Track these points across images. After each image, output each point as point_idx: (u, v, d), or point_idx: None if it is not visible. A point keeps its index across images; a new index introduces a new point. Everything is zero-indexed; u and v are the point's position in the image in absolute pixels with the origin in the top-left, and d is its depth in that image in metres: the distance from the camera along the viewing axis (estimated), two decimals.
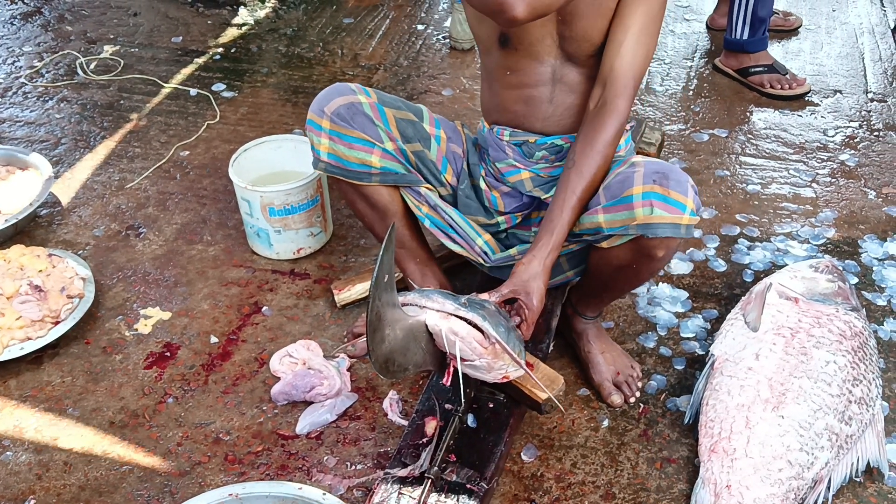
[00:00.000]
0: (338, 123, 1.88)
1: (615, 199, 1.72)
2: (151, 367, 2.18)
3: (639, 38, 1.75)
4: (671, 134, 3.07)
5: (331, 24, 3.81)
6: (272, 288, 2.41)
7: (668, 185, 1.68)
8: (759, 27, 3.25)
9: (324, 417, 2.02)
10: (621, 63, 1.75)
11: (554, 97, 1.90)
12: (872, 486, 1.89)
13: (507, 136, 1.97)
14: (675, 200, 1.67)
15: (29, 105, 3.22)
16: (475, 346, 1.58)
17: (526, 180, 1.96)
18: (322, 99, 1.91)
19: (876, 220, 2.67)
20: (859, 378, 1.90)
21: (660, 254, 1.75)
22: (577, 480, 1.91)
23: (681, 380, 2.14)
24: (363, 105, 1.90)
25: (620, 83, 1.76)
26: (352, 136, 1.88)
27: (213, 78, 3.39)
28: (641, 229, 1.69)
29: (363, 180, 1.94)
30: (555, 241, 1.74)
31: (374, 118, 1.90)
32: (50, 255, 2.35)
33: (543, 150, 1.94)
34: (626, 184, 1.71)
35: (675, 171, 1.70)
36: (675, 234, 1.69)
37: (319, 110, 1.90)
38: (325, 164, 1.93)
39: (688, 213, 1.68)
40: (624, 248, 1.76)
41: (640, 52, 1.76)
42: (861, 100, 3.27)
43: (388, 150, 1.91)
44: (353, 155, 1.90)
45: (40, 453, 1.97)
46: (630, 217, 1.69)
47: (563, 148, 1.92)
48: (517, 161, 1.96)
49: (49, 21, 3.82)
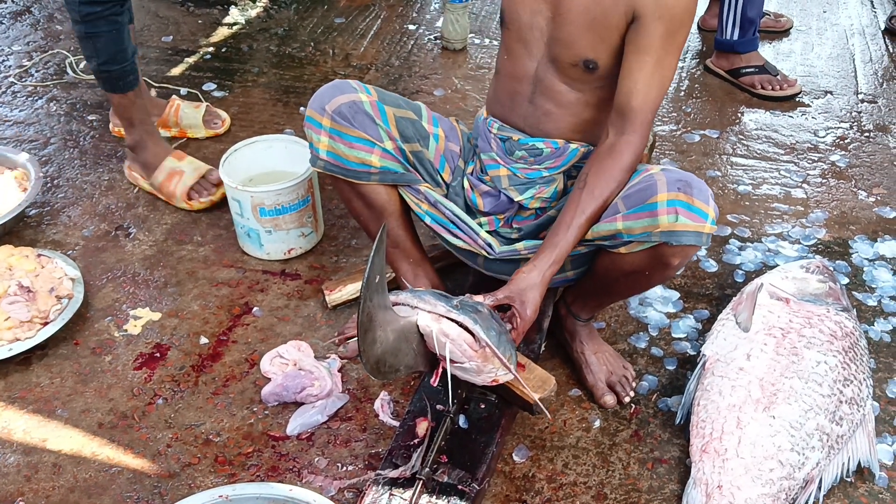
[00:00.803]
0: (339, 122, 1.88)
1: (637, 206, 1.72)
2: (141, 368, 2.17)
3: (653, 74, 1.74)
4: (662, 134, 3.07)
5: (322, 24, 3.80)
6: (263, 288, 2.40)
7: (692, 192, 1.68)
8: (749, 28, 3.26)
9: (315, 418, 2.01)
10: (637, 100, 1.75)
11: (534, 98, 1.91)
12: (863, 487, 1.89)
13: (496, 129, 1.98)
14: (699, 209, 1.68)
15: (18, 104, 3.20)
16: (465, 348, 1.58)
17: (503, 177, 1.97)
18: (323, 96, 1.90)
19: (866, 220, 2.68)
20: (850, 378, 1.91)
21: (676, 261, 1.75)
22: (569, 481, 1.90)
23: (672, 380, 2.14)
24: (364, 104, 1.89)
25: (638, 120, 1.76)
26: (352, 135, 1.88)
27: (203, 77, 3.38)
28: (665, 236, 1.69)
29: (362, 179, 1.94)
30: (557, 255, 1.75)
31: (375, 117, 1.89)
32: (39, 256, 2.34)
33: (524, 150, 1.95)
34: (649, 192, 1.71)
35: (697, 180, 1.71)
36: (697, 243, 1.70)
37: (320, 108, 1.89)
38: (324, 162, 1.93)
39: (709, 221, 1.69)
40: (640, 254, 1.76)
41: (654, 87, 1.75)
42: (852, 101, 3.28)
43: (388, 150, 1.91)
44: (353, 154, 1.90)
45: (29, 455, 1.96)
46: (653, 224, 1.69)
47: (543, 151, 1.93)
48: (498, 156, 1.97)
49: (38, 20, 3.80)
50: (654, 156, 2.89)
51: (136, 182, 2.74)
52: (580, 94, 1.86)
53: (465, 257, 2.06)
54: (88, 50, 2.43)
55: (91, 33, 2.38)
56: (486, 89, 3.27)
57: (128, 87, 2.51)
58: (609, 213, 1.77)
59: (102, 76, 2.49)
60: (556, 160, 1.93)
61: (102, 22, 2.37)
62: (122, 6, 2.40)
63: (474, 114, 3.12)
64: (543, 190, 1.95)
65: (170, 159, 2.67)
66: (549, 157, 1.93)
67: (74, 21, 2.39)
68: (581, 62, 1.80)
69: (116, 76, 2.47)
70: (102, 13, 2.36)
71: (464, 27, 3.56)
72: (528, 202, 1.96)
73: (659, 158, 2.93)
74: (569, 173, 1.95)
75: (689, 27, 1.76)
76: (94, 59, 2.44)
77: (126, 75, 2.48)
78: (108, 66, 2.44)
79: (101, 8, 2.35)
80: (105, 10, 2.36)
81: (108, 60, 2.43)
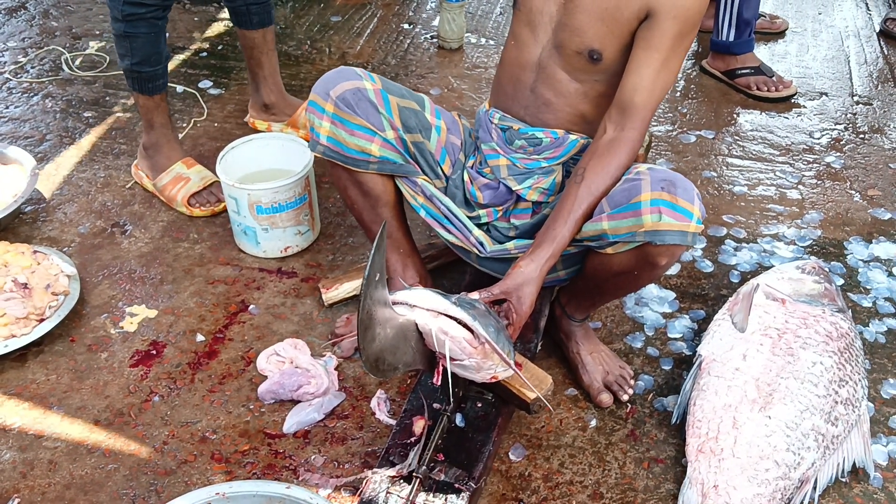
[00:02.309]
0: (342, 109, 1.88)
1: (621, 206, 1.72)
2: (137, 365, 2.16)
3: (659, 73, 1.75)
4: (658, 135, 3.07)
5: (318, 22, 3.79)
6: (259, 286, 2.40)
7: (676, 192, 1.69)
8: (745, 29, 3.27)
9: (311, 416, 2.01)
10: (642, 96, 1.76)
11: (535, 87, 1.92)
12: (858, 487, 1.90)
13: (497, 119, 1.99)
14: (683, 208, 1.68)
15: (13, 101, 3.19)
16: (465, 345, 1.58)
17: (503, 167, 1.97)
18: (327, 82, 1.90)
19: (861, 221, 2.69)
20: (845, 379, 1.92)
21: (663, 261, 1.75)
22: (565, 480, 1.91)
23: (668, 380, 2.15)
24: (368, 91, 1.89)
25: (639, 116, 1.77)
26: (355, 122, 1.89)
27: (199, 75, 3.37)
28: (649, 236, 1.70)
29: (360, 167, 1.94)
30: (554, 249, 1.75)
31: (378, 105, 1.90)
32: (35, 252, 2.33)
33: (523, 139, 1.95)
34: (633, 191, 1.71)
35: (682, 179, 1.71)
36: (682, 242, 1.70)
37: (324, 93, 1.89)
38: (323, 147, 1.93)
39: (694, 220, 1.69)
40: (627, 254, 1.76)
41: (658, 86, 1.77)
42: (847, 102, 3.29)
43: (389, 140, 1.92)
44: (354, 142, 1.90)
45: (25, 451, 1.96)
46: (637, 224, 1.70)
47: (543, 141, 1.94)
48: (498, 146, 1.98)
49: (34, 16, 3.79)
50: (650, 156, 2.89)
51: (140, 181, 2.74)
52: (580, 84, 1.87)
53: (460, 252, 2.07)
54: (123, 48, 2.44)
55: (129, 33, 2.39)
56: (483, 88, 3.29)
57: (156, 90, 2.53)
58: (595, 212, 1.77)
59: (133, 76, 2.49)
60: (555, 150, 1.94)
61: (143, 24, 2.38)
62: (165, 11, 2.42)
63: (471, 113, 3.12)
64: (542, 180, 1.95)
65: (180, 164, 2.66)
66: (549, 148, 1.94)
67: (115, 19, 2.39)
68: (586, 52, 1.81)
69: (147, 78, 2.49)
70: (144, 15, 2.37)
71: (460, 26, 3.56)
72: (526, 192, 1.96)
73: (655, 159, 2.93)
74: (567, 165, 1.96)
75: (696, 30, 1.77)
76: (127, 59, 2.45)
77: (156, 78, 2.50)
78: (140, 67, 2.45)
79: (145, 10, 2.36)
80: (147, 13, 2.37)
81: (142, 62, 2.44)
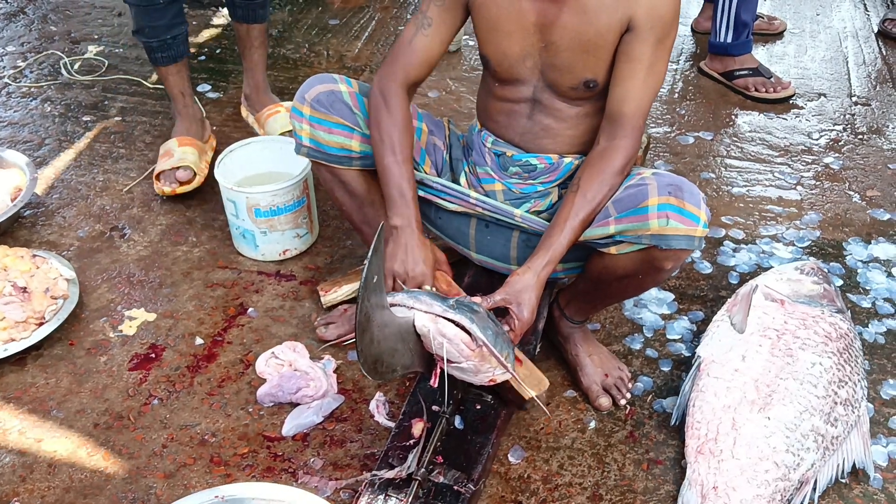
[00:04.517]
0: (317, 109, 1.93)
1: (628, 210, 1.72)
2: (136, 368, 2.16)
3: (645, 80, 1.75)
4: (657, 136, 3.07)
5: (316, 26, 3.80)
6: (258, 289, 2.40)
7: (683, 196, 1.69)
8: (743, 30, 3.27)
9: (310, 419, 2.01)
10: (629, 107, 1.76)
11: (533, 115, 1.92)
12: (858, 488, 1.90)
13: (490, 144, 1.99)
14: (690, 213, 1.68)
15: (12, 105, 3.20)
16: (462, 347, 1.58)
17: (499, 192, 1.98)
18: (304, 87, 1.96)
19: (860, 222, 2.68)
20: (845, 380, 1.91)
21: (668, 265, 1.76)
22: (564, 482, 1.91)
23: (667, 381, 2.15)
24: (343, 94, 1.94)
25: (629, 125, 1.77)
26: (331, 121, 1.93)
27: (197, 79, 3.37)
28: (655, 240, 1.70)
29: (344, 164, 1.97)
30: (551, 257, 1.75)
31: (353, 107, 1.93)
32: (34, 256, 2.34)
33: (518, 166, 1.95)
34: (640, 196, 1.71)
35: (688, 184, 1.72)
36: (689, 246, 1.71)
37: (301, 97, 1.95)
38: (306, 148, 1.97)
39: (701, 225, 1.70)
40: (632, 257, 1.76)
41: (647, 92, 1.77)
42: (845, 103, 3.29)
43: (368, 135, 1.93)
44: (333, 140, 1.93)
45: (24, 455, 1.96)
46: (644, 227, 1.70)
47: (537, 167, 1.94)
48: (493, 171, 1.98)
49: (33, 21, 3.79)
50: (648, 158, 2.89)
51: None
52: (580, 108, 1.87)
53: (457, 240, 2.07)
54: (131, 15, 2.63)
55: (127, 1, 2.58)
56: None
57: (156, 62, 2.70)
58: (601, 217, 1.77)
59: (139, 42, 2.69)
60: (550, 175, 1.94)
61: None
62: None
63: (468, 115, 3.12)
64: (538, 203, 1.96)
65: (174, 140, 2.75)
66: (544, 173, 1.94)
67: None
68: (581, 84, 1.81)
69: (147, 48, 2.67)
70: None
71: None
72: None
73: (653, 160, 2.93)
74: (564, 185, 1.96)
75: (676, 28, 1.77)
76: (133, 26, 2.65)
77: (152, 51, 2.67)
78: (138, 35, 2.65)
79: None
80: None
81: (138, 31, 2.64)
